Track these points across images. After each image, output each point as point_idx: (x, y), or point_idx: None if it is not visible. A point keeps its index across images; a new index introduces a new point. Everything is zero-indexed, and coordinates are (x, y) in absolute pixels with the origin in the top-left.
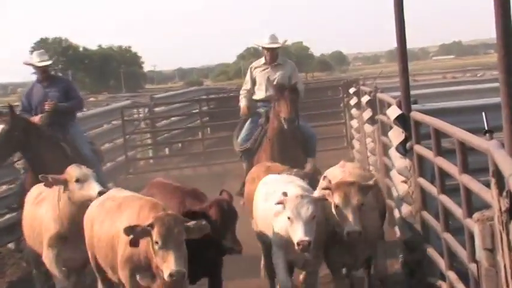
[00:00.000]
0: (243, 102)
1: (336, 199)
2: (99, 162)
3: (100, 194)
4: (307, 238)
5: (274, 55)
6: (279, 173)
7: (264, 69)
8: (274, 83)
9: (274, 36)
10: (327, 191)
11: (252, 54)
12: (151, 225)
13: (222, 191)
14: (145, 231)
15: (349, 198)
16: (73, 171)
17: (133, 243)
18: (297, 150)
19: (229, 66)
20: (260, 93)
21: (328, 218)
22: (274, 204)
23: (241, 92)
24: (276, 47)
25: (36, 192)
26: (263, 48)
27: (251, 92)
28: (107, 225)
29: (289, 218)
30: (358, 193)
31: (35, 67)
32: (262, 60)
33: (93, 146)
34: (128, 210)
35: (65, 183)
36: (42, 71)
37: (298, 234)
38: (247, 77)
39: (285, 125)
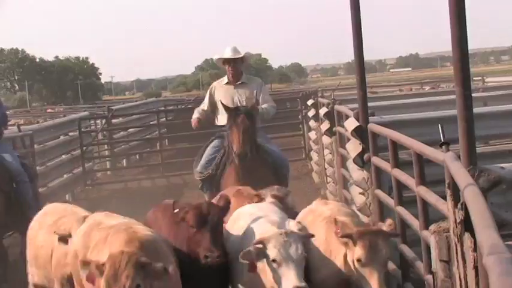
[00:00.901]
0: (195, 115)
1: (359, 252)
2: (31, 179)
3: None
4: (303, 284)
5: (238, 72)
6: (251, 200)
7: (227, 90)
8: (238, 105)
9: (235, 49)
10: (345, 239)
11: (210, 65)
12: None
13: (220, 196)
14: (99, 269)
15: (376, 251)
16: None
17: (90, 280)
18: (266, 175)
19: (187, 78)
20: (223, 118)
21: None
22: (253, 245)
23: (196, 110)
24: (238, 57)
25: (52, 218)
26: (224, 63)
27: (207, 113)
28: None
29: (274, 260)
30: (386, 245)
31: None
32: (224, 79)
33: (23, 161)
34: (111, 245)
35: None
36: None
37: (291, 280)
38: (206, 99)
39: (236, 160)
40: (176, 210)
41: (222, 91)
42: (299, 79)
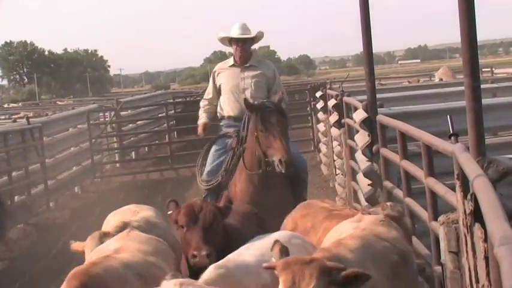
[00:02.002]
0: (201, 119)
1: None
2: None
3: None
4: None
5: (247, 53)
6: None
7: (232, 74)
8: (247, 93)
9: (244, 26)
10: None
11: (219, 58)
12: None
13: (223, 196)
14: None
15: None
16: None
17: None
18: (284, 181)
19: (196, 70)
20: (227, 108)
21: None
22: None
23: (201, 103)
24: (248, 37)
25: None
26: (231, 42)
27: (214, 103)
28: None
29: None
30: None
31: None
32: (230, 61)
33: None
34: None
35: None
36: None
37: None
38: (210, 85)
39: (282, 168)
40: (170, 212)
41: (227, 75)
42: (307, 71)
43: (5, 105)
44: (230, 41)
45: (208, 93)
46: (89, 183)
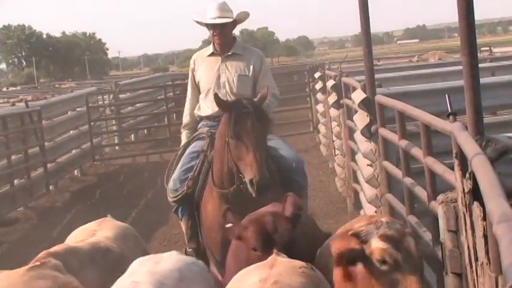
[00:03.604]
0: (183, 138)
1: None
2: None
3: None
4: None
5: (227, 39)
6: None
7: (211, 65)
8: (228, 90)
9: (224, 7)
10: None
11: None
12: None
13: (288, 198)
14: None
15: None
16: None
17: None
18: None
19: (194, 52)
20: (205, 107)
21: None
22: None
23: (185, 110)
24: (226, 22)
25: None
26: (208, 26)
27: (194, 113)
28: None
29: None
30: None
31: None
32: (209, 48)
33: None
34: None
35: None
36: None
37: None
38: (189, 85)
39: (252, 191)
40: (229, 225)
41: (205, 66)
42: (306, 52)
43: (4, 89)
44: (207, 26)
45: (189, 92)
46: (88, 166)
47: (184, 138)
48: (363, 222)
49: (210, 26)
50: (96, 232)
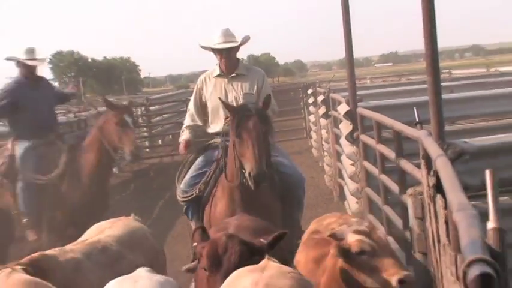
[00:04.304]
0: (183, 135)
1: None
2: None
3: None
4: None
5: (232, 62)
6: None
7: (219, 85)
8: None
9: (227, 32)
10: None
11: None
12: None
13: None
14: None
15: None
16: None
17: None
18: (273, 201)
19: None
20: (215, 125)
21: None
22: None
23: (187, 117)
24: (231, 47)
25: None
26: (214, 51)
27: (196, 120)
28: None
29: None
30: None
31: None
32: (216, 70)
33: None
34: None
35: None
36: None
37: None
38: (192, 100)
39: (251, 183)
40: (195, 244)
41: (212, 86)
42: (300, 73)
43: None
44: (213, 50)
45: (191, 108)
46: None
47: (185, 132)
48: (332, 218)
49: (216, 51)
50: (105, 230)
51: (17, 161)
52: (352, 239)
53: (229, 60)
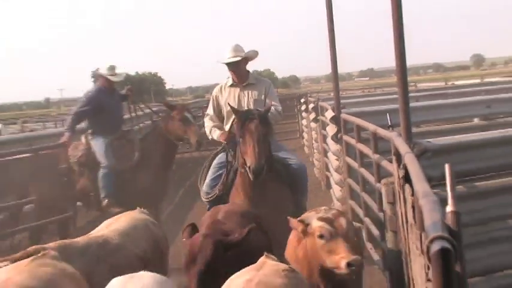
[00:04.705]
0: (216, 132)
1: None
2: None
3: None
4: None
5: (242, 73)
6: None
7: (233, 93)
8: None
9: (237, 48)
10: None
11: None
12: None
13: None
14: None
15: None
16: None
17: None
18: (281, 187)
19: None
20: (228, 126)
21: None
22: None
23: (206, 120)
24: (239, 59)
25: None
26: (227, 66)
27: (215, 121)
28: None
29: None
30: None
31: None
32: (229, 81)
33: None
34: None
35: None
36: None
37: None
38: (210, 105)
39: (250, 175)
40: (183, 240)
41: (227, 94)
42: (295, 86)
43: None
44: (225, 64)
45: (209, 113)
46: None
47: (215, 130)
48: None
49: (227, 66)
50: (111, 225)
51: (96, 153)
52: (315, 225)
53: (238, 71)
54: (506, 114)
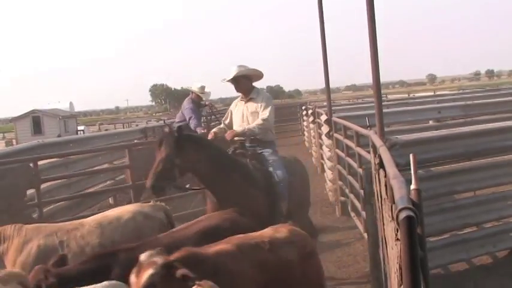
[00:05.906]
0: (215, 129)
1: None
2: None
3: None
4: None
5: (242, 89)
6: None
7: (240, 106)
8: (246, 124)
9: (239, 68)
10: None
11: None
12: None
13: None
14: None
15: None
16: None
17: None
18: (251, 193)
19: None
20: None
21: None
22: None
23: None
24: (235, 76)
25: None
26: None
27: (225, 126)
28: None
29: None
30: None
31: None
32: (240, 96)
33: None
34: None
35: None
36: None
37: None
38: (229, 111)
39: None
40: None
41: (237, 108)
42: (298, 96)
43: (153, 114)
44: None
45: (223, 121)
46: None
47: (214, 129)
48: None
49: (231, 82)
50: (105, 213)
51: None
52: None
53: (238, 88)
54: (452, 117)
